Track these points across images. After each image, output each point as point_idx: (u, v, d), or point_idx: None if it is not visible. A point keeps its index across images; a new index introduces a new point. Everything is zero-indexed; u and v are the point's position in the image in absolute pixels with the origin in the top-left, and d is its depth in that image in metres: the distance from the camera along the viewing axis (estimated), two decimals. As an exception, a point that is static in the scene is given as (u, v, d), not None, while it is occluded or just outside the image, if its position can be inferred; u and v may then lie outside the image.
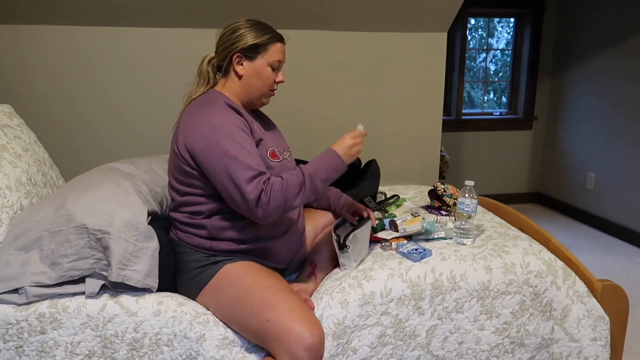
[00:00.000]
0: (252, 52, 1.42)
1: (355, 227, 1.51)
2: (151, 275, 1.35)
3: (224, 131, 1.32)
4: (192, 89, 1.51)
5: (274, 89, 1.50)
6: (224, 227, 1.40)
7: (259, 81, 1.45)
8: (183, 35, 2.54)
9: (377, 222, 1.71)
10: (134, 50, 2.52)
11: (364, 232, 1.54)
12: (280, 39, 1.47)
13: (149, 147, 2.64)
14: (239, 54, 1.42)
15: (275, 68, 1.46)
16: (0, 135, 1.58)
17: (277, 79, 1.49)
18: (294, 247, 1.55)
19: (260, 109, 1.64)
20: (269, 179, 1.32)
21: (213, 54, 1.49)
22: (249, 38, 1.41)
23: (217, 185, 1.34)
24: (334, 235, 1.50)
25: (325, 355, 1.35)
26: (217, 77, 1.51)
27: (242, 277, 1.36)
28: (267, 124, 1.61)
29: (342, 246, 1.48)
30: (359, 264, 1.53)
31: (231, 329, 1.36)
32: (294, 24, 2.55)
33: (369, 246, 1.63)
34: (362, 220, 1.57)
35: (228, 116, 1.36)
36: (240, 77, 1.45)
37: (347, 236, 1.47)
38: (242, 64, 1.44)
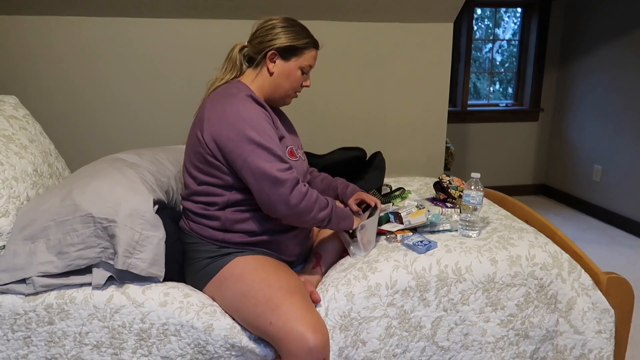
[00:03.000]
0: (287, 52, 1.43)
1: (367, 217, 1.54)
2: (156, 264, 1.36)
3: (254, 122, 1.33)
4: (218, 74, 1.51)
5: (298, 92, 1.52)
6: (237, 220, 1.41)
7: (288, 82, 1.46)
8: (188, 26, 2.53)
9: (382, 213, 1.71)
10: (139, 41, 2.51)
11: (373, 221, 1.56)
12: (316, 45, 1.49)
13: (155, 138, 2.64)
14: (274, 51, 1.42)
15: (305, 72, 1.48)
16: (6, 126, 1.58)
17: (304, 83, 1.51)
18: (304, 241, 1.56)
19: None
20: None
21: (246, 43, 1.50)
22: (287, 38, 1.42)
23: (245, 176, 1.34)
24: None
25: (334, 347, 1.35)
26: (243, 67, 1.51)
27: (249, 272, 1.36)
28: (284, 120, 1.61)
29: (352, 235, 1.50)
30: (368, 252, 1.54)
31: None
32: (300, 15, 2.53)
33: (376, 237, 1.64)
34: (373, 211, 1.59)
35: (255, 108, 1.37)
36: (271, 74, 1.45)
37: (355, 229, 1.49)
38: (275, 62, 1.44)
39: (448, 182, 2.00)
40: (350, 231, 1.51)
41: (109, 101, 2.56)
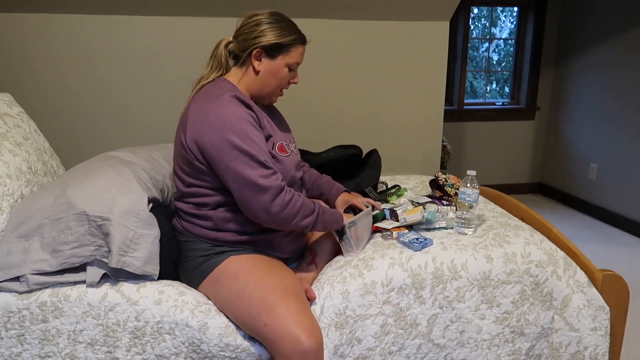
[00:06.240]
0: (274, 50, 1.40)
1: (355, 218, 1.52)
2: (151, 262, 1.35)
3: (236, 126, 1.30)
4: (204, 72, 1.48)
5: (285, 89, 1.49)
6: (229, 219, 1.40)
7: (274, 80, 1.43)
8: (185, 24, 2.52)
9: (377, 211, 1.71)
10: (136, 38, 2.50)
11: (365, 221, 1.55)
12: (303, 41, 1.45)
13: (150, 136, 2.63)
14: (260, 49, 1.39)
15: (293, 69, 1.45)
16: (0, 123, 1.57)
17: (292, 80, 1.48)
18: (298, 238, 1.55)
19: None
20: (286, 185, 1.36)
21: (231, 39, 1.46)
22: (273, 36, 1.38)
23: (227, 182, 1.33)
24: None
25: (330, 345, 1.35)
26: (229, 63, 1.48)
27: (244, 272, 1.35)
28: (274, 114, 1.59)
29: (341, 234, 1.49)
30: (361, 250, 1.54)
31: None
32: (295, 13, 2.53)
33: (370, 234, 1.64)
34: (362, 211, 1.58)
35: (239, 110, 1.33)
36: (257, 72, 1.42)
37: (343, 227, 1.48)
38: (260, 60, 1.41)
39: (444, 179, 2.00)
40: (339, 230, 1.49)
41: (105, 99, 2.55)
